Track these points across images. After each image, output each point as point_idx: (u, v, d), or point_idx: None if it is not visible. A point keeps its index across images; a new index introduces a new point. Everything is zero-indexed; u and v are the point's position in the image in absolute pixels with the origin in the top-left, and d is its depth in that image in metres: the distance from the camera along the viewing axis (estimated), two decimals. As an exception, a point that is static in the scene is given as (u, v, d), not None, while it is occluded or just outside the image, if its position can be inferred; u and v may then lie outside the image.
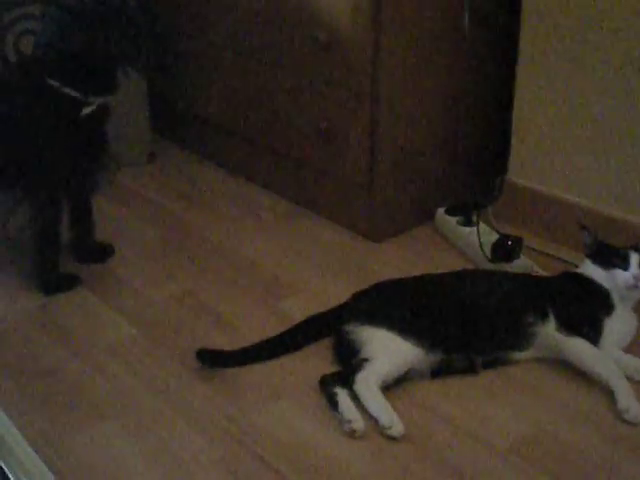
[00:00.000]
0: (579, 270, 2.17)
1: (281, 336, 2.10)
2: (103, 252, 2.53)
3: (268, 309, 2.29)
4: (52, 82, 2.16)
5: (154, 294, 2.36)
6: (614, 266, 2.08)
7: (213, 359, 2.02)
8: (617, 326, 2.05)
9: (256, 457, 1.75)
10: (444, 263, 2.51)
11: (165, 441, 1.80)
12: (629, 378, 1.93)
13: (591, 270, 2.12)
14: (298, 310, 2.24)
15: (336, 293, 2.26)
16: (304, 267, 2.50)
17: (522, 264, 2.41)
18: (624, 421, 1.85)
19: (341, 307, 2.13)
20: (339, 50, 2.52)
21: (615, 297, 2.07)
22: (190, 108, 3.28)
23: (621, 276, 2.06)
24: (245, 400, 1.93)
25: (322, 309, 2.17)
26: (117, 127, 3.16)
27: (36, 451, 1.76)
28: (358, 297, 2.14)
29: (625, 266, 2.07)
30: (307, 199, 2.86)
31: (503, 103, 2.73)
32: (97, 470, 1.72)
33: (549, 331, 2.01)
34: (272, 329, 2.14)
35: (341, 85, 2.56)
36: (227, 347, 2.07)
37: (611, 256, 2.09)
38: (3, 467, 1.75)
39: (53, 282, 2.35)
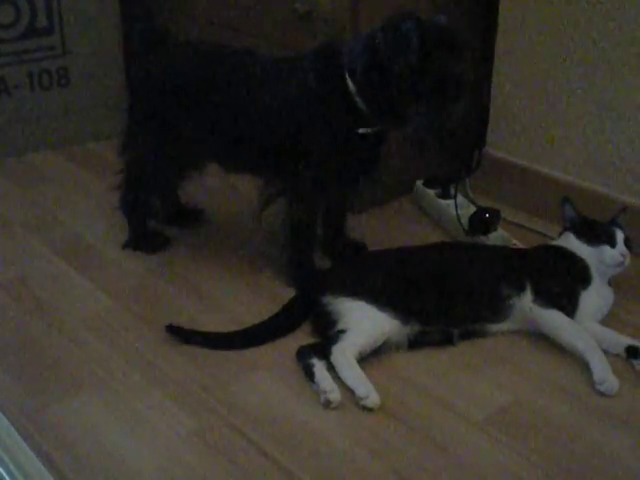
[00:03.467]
0: (558, 242, 2.18)
1: (260, 326, 2.07)
2: (356, 248, 2.42)
3: (247, 280, 2.28)
4: (350, 85, 2.04)
5: (132, 266, 2.36)
6: (601, 242, 2.09)
7: (183, 335, 2.02)
8: (593, 299, 2.06)
9: (232, 428, 1.75)
10: (422, 235, 2.51)
11: (142, 412, 1.80)
12: (604, 350, 1.94)
13: (572, 243, 2.13)
14: (277, 281, 2.26)
15: (315, 265, 2.27)
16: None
17: (499, 237, 2.41)
18: (599, 393, 1.86)
19: (319, 279, 2.13)
20: (317, 20, 2.50)
21: (593, 270, 2.08)
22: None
23: (608, 253, 2.07)
24: (222, 371, 1.93)
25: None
26: (96, 96, 3.17)
27: (13, 424, 1.76)
28: (336, 269, 2.14)
29: (612, 243, 2.08)
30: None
31: (483, 77, 2.72)
32: (75, 441, 1.72)
33: (526, 303, 2.02)
34: (250, 300, 2.17)
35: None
36: (205, 317, 2.08)
37: (597, 232, 2.10)
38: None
39: (303, 276, 2.25)
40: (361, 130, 2.08)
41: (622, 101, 2.36)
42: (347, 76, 2.04)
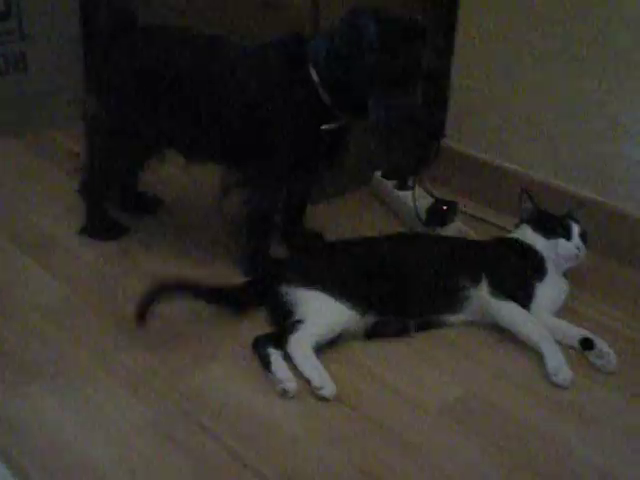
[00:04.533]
0: (514, 235, 2.20)
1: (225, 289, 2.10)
2: (314, 238, 2.43)
3: (205, 269, 2.27)
4: (314, 76, 2.05)
5: (88, 254, 2.34)
6: (557, 235, 2.11)
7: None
8: (548, 291, 2.08)
9: (189, 418, 1.75)
10: (380, 226, 2.52)
11: (98, 403, 1.79)
12: (559, 342, 1.96)
13: (528, 236, 2.15)
14: (235, 270, 2.25)
15: (272, 255, 2.27)
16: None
17: (456, 228, 2.42)
18: (553, 384, 1.88)
19: (275, 269, 2.13)
20: (280, 10, 2.49)
21: (549, 263, 2.10)
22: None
23: (564, 245, 2.10)
24: (179, 361, 1.92)
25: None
26: (54, 82, 3.12)
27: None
28: (292, 259, 2.14)
29: (568, 236, 2.11)
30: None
31: (441, 68, 2.73)
32: (29, 433, 1.70)
33: (482, 295, 2.03)
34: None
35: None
36: (161, 306, 2.07)
37: (554, 225, 2.13)
38: None
39: (257, 266, 2.25)
40: (324, 126, 2.08)
41: (579, 96, 2.38)
42: (311, 67, 2.04)
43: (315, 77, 2.04)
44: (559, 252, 2.10)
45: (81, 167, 2.41)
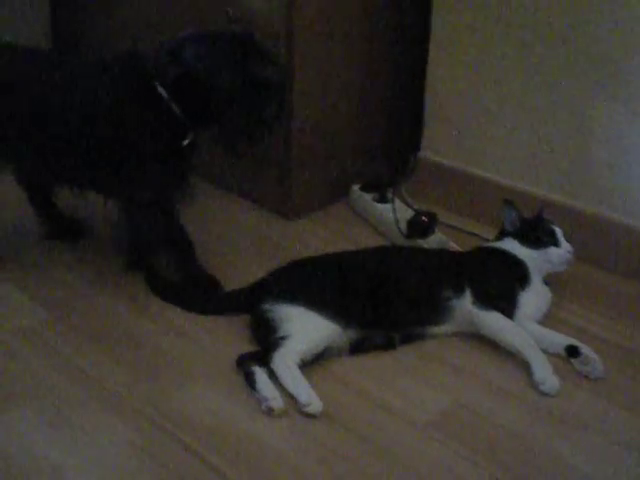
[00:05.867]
0: (495, 244, 2.19)
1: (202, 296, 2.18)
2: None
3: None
4: (162, 92, 2.04)
5: (67, 277, 2.31)
6: (546, 245, 2.11)
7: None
8: (532, 299, 2.08)
9: (175, 439, 1.73)
10: (360, 240, 2.51)
11: (82, 426, 1.76)
12: (544, 350, 1.96)
13: (511, 246, 2.15)
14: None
15: (251, 272, 2.25)
16: (219, 246, 2.47)
17: (437, 240, 2.42)
18: (541, 393, 1.87)
19: (257, 285, 2.12)
20: (250, 26, 2.48)
21: (532, 271, 2.10)
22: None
23: (556, 253, 2.11)
24: (163, 382, 1.90)
25: (237, 288, 2.18)
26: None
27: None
28: (274, 275, 2.13)
29: (556, 242, 2.11)
30: (220, 177, 2.82)
31: (416, 81, 2.73)
32: (10, 459, 1.67)
33: (465, 305, 2.03)
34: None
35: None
36: (143, 328, 2.05)
37: (539, 235, 2.13)
38: None
39: (162, 284, 2.25)
40: (185, 141, 2.11)
41: (555, 104, 2.39)
42: (158, 84, 2.05)
43: (164, 94, 2.05)
44: (553, 260, 2.11)
45: None
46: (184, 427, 1.76)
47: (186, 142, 2.11)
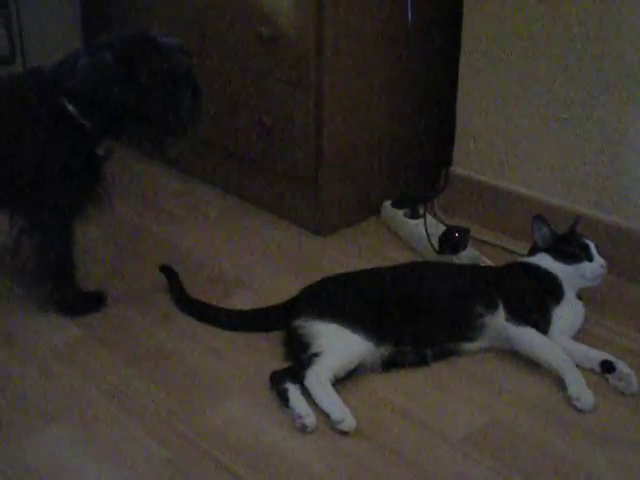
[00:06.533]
0: (528, 260, 2.18)
1: (234, 312, 2.17)
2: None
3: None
4: (70, 108, 2.03)
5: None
6: (580, 260, 2.09)
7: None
8: (566, 314, 2.06)
9: (207, 456, 1.73)
10: (391, 256, 2.50)
11: (116, 443, 1.77)
12: (579, 366, 1.94)
13: (545, 261, 2.13)
14: (245, 306, 2.22)
15: (283, 288, 2.25)
16: (251, 263, 2.48)
17: (469, 255, 2.41)
18: (576, 409, 1.86)
19: (290, 302, 2.12)
20: (283, 45, 2.50)
21: (566, 286, 2.09)
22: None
23: (590, 268, 2.09)
24: (195, 398, 1.90)
25: (270, 304, 2.18)
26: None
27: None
28: (307, 292, 2.13)
29: (590, 257, 2.09)
30: (253, 195, 2.83)
31: (447, 96, 2.73)
32: (46, 476, 1.68)
33: (499, 321, 2.01)
34: (220, 326, 2.14)
35: (286, 80, 2.54)
36: (175, 344, 2.05)
37: (573, 250, 2.11)
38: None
39: (75, 302, 2.22)
40: (100, 152, 2.11)
41: (587, 118, 2.37)
42: (65, 100, 2.03)
43: (72, 109, 2.03)
44: (586, 275, 2.09)
45: None
46: (217, 444, 1.76)
47: (102, 152, 2.12)
